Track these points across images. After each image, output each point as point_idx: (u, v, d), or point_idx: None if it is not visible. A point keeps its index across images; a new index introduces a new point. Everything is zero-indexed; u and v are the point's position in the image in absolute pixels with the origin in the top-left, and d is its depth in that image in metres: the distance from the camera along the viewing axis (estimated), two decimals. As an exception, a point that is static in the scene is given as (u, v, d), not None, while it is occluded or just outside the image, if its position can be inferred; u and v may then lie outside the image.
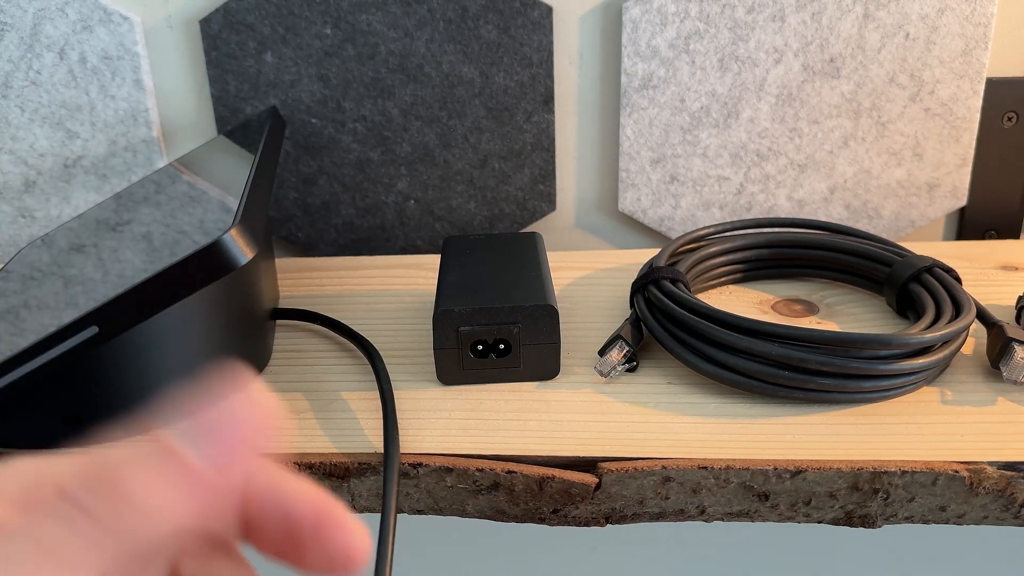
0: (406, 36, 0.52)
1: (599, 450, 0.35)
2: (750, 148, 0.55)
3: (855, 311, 0.46)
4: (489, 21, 0.52)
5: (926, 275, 0.43)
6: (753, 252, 0.48)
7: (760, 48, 0.52)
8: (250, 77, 0.53)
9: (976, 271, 0.49)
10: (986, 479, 0.33)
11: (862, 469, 0.33)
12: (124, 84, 0.52)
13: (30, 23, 0.51)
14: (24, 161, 0.54)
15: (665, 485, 0.34)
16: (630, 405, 0.38)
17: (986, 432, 0.36)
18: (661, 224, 0.57)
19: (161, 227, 0.41)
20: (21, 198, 0.55)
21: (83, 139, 0.54)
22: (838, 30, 0.52)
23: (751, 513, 0.35)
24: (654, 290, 0.42)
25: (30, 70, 0.52)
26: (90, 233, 0.45)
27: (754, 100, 0.53)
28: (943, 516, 0.35)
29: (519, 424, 0.37)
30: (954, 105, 0.53)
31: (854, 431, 0.36)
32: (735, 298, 0.47)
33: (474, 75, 0.53)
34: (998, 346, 0.39)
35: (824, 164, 0.55)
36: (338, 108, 0.54)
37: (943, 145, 0.54)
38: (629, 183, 0.55)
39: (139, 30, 0.52)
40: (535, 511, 0.36)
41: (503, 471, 0.34)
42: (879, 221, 0.56)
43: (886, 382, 0.37)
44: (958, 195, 0.56)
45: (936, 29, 0.52)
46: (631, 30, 0.52)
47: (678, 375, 0.40)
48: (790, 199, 0.56)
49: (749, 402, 0.38)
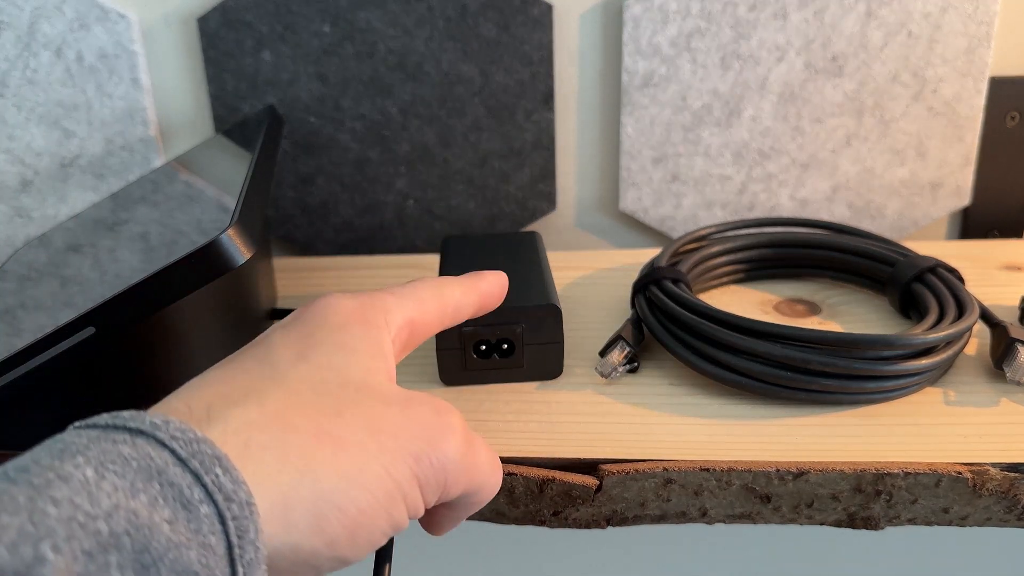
0: (405, 34, 0.52)
1: (600, 452, 0.35)
2: (752, 147, 0.54)
3: (858, 311, 0.45)
4: (489, 19, 0.51)
5: (929, 275, 0.43)
6: (755, 252, 0.48)
7: (762, 46, 0.52)
8: (248, 75, 0.53)
9: (979, 271, 0.49)
10: (989, 480, 0.33)
11: (865, 471, 0.33)
12: (121, 83, 0.52)
13: (27, 21, 0.51)
14: (21, 160, 0.54)
15: (666, 487, 0.34)
16: (631, 406, 0.38)
17: (989, 433, 0.35)
18: (662, 224, 0.56)
19: (158, 227, 0.41)
20: (18, 198, 0.55)
21: (80, 138, 0.53)
22: (841, 28, 0.51)
23: (753, 515, 0.35)
24: (655, 290, 0.42)
25: (27, 69, 0.52)
26: (87, 233, 0.45)
27: (756, 98, 0.53)
28: (946, 518, 0.35)
29: (519, 425, 0.37)
30: (957, 104, 0.53)
31: (857, 432, 0.36)
32: (737, 298, 0.47)
33: (474, 73, 0.53)
34: (1001, 347, 0.39)
35: (827, 163, 0.55)
36: (336, 107, 0.53)
37: (946, 144, 0.54)
38: (630, 182, 0.55)
39: (136, 28, 0.51)
40: (535, 513, 0.35)
41: (503, 473, 0.34)
42: (882, 221, 0.56)
43: (889, 383, 0.37)
44: (961, 195, 0.55)
45: (939, 27, 0.51)
46: (632, 28, 0.51)
47: (679, 376, 0.40)
48: (792, 198, 0.56)
49: (751, 403, 0.38)
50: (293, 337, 0.27)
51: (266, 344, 0.27)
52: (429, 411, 0.26)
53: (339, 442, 0.23)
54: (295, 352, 0.26)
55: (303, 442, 0.23)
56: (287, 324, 0.28)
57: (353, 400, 0.24)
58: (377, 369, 0.26)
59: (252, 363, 0.25)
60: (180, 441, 0.21)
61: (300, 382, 0.24)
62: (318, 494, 0.22)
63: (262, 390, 0.24)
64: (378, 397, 0.25)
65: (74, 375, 0.36)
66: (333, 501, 0.22)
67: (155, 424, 0.21)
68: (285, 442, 0.22)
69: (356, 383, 0.25)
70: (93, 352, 0.33)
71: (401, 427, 0.25)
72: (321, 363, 0.25)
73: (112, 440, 0.20)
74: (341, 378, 0.25)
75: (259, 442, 0.22)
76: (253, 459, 0.22)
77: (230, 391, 0.24)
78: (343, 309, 0.28)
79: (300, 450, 0.22)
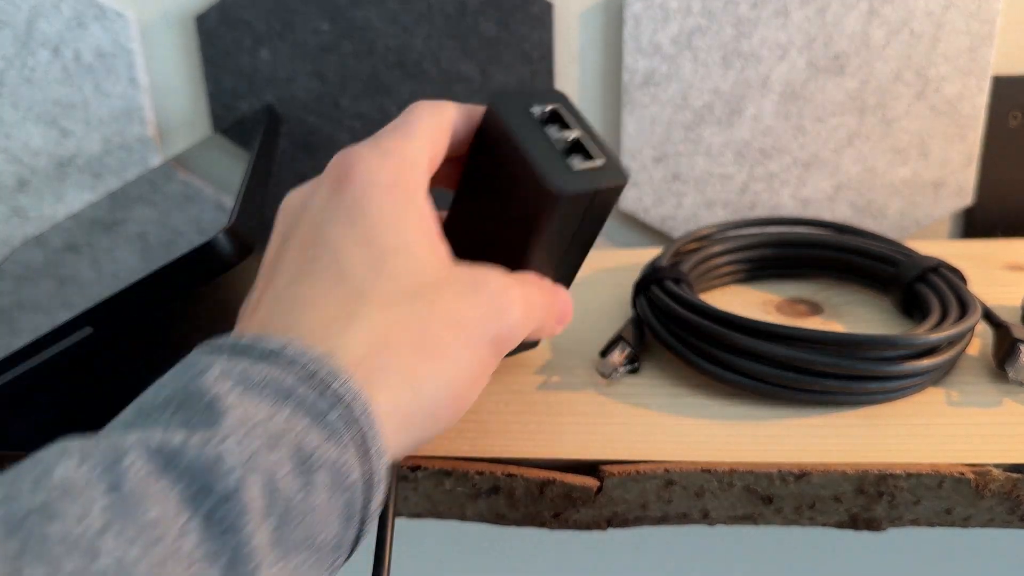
0: (404, 32, 0.52)
1: (601, 453, 0.35)
2: (754, 146, 0.54)
3: (860, 311, 0.45)
4: (488, 17, 0.51)
5: (932, 275, 0.43)
6: (757, 251, 0.48)
7: (764, 44, 0.52)
8: (246, 74, 0.52)
9: (982, 271, 0.49)
10: (992, 481, 0.33)
11: (867, 472, 0.33)
12: (119, 81, 0.52)
13: (24, 20, 0.50)
14: (18, 160, 0.54)
15: (668, 488, 0.34)
16: (632, 407, 0.38)
17: (992, 434, 0.35)
18: (663, 223, 0.56)
19: (156, 226, 0.40)
20: (15, 197, 0.55)
21: (77, 137, 0.53)
22: (843, 26, 0.51)
23: (755, 517, 0.35)
24: (656, 290, 0.42)
25: (24, 67, 0.51)
26: (84, 232, 0.45)
27: (758, 97, 0.53)
28: (949, 519, 0.35)
29: (519, 426, 0.37)
30: (960, 103, 0.53)
31: (859, 433, 0.36)
32: (739, 298, 0.47)
33: (473, 72, 0.53)
34: (1004, 347, 0.39)
35: (829, 162, 0.54)
36: (335, 105, 0.53)
37: (949, 143, 0.54)
38: (631, 181, 0.55)
39: (134, 27, 0.51)
40: (535, 515, 0.35)
41: (503, 474, 0.34)
42: (884, 220, 0.56)
43: (891, 383, 0.37)
44: (964, 194, 0.55)
45: (942, 26, 0.51)
46: (633, 26, 0.51)
47: (681, 376, 0.40)
48: (794, 198, 0.55)
49: (753, 404, 0.38)
50: (352, 240, 0.28)
51: (331, 253, 0.28)
52: (495, 290, 0.30)
53: (434, 350, 0.27)
54: (365, 264, 0.28)
55: (406, 362, 0.27)
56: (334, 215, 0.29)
57: (431, 302, 0.28)
58: (435, 251, 0.29)
59: (330, 283, 0.28)
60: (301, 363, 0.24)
61: (383, 296, 0.27)
62: (429, 399, 0.27)
63: (357, 315, 0.27)
64: (449, 289, 0.29)
65: (72, 375, 0.35)
66: (440, 400, 0.28)
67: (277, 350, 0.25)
68: (392, 366, 0.26)
69: (428, 281, 0.28)
70: (91, 352, 0.33)
71: (477, 318, 0.29)
72: (392, 272, 0.28)
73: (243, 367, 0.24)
74: (414, 282, 0.28)
75: (372, 368, 0.26)
76: (373, 386, 0.26)
77: (328, 318, 0.27)
78: (382, 184, 0.29)
79: (406, 370, 0.27)
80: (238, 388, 0.23)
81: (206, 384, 0.23)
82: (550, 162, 0.32)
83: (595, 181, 0.32)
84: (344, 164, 0.30)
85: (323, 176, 0.30)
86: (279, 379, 0.24)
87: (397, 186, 0.30)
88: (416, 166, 0.31)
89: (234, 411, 0.22)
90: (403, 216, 0.29)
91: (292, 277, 0.28)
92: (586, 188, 0.32)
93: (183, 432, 0.21)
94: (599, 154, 0.33)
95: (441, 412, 0.28)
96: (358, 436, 0.24)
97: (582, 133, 0.33)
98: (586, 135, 0.33)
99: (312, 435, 0.23)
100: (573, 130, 0.33)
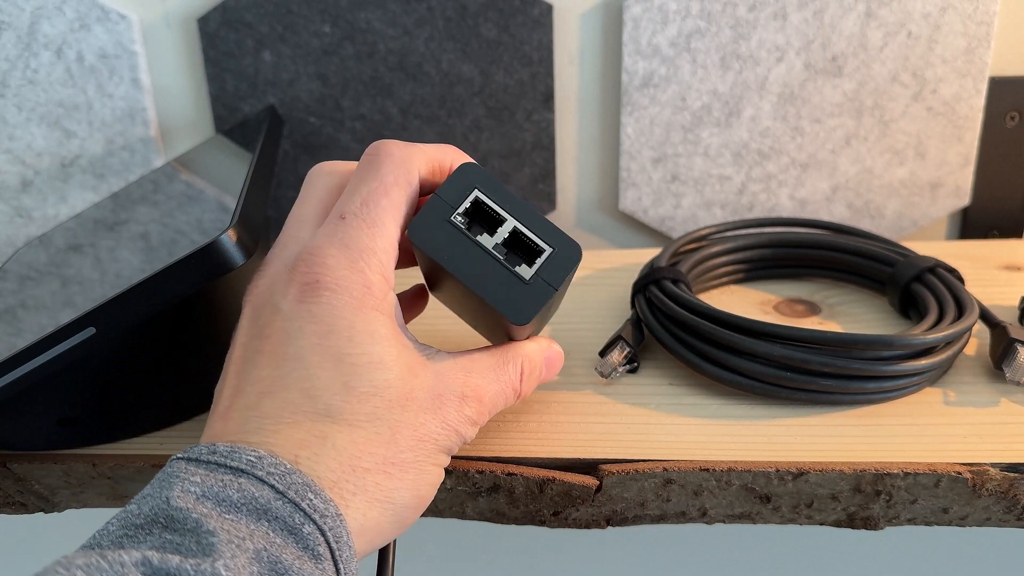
0: (405, 34, 0.52)
1: (600, 452, 0.35)
2: (752, 147, 0.54)
3: (857, 311, 0.45)
4: (489, 19, 0.51)
5: (929, 275, 0.43)
6: (755, 252, 0.48)
7: (762, 46, 0.52)
8: (248, 76, 0.53)
9: (979, 271, 0.49)
10: (989, 481, 0.33)
11: (864, 471, 0.33)
12: (122, 83, 0.52)
13: (27, 21, 0.51)
14: (21, 160, 0.54)
15: (666, 487, 0.34)
16: (631, 406, 0.38)
17: (989, 433, 0.36)
18: (662, 224, 0.56)
19: (159, 227, 0.41)
20: (18, 198, 0.55)
21: (80, 138, 0.53)
22: (840, 28, 0.51)
23: (753, 515, 0.35)
24: (655, 290, 0.42)
25: (27, 69, 0.52)
26: (87, 233, 0.45)
27: (756, 99, 0.53)
28: (945, 518, 0.35)
29: (519, 425, 0.37)
30: (957, 104, 0.53)
31: (856, 432, 0.36)
32: (737, 298, 0.47)
33: (474, 74, 0.53)
34: (1001, 347, 0.39)
35: (826, 163, 0.55)
36: (337, 107, 0.53)
37: (946, 144, 0.54)
38: (630, 182, 0.55)
39: (137, 28, 0.51)
40: (535, 513, 0.35)
41: (503, 473, 0.34)
42: (881, 221, 0.56)
43: (889, 383, 0.37)
44: (961, 195, 0.55)
45: (939, 27, 0.51)
46: (632, 28, 0.51)
47: (679, 376, 0.40)
48: (792, 198, 0.56)
49: (751, 403, 0.38)
50: (321, 354, 0.29)
51: (302, 368, 0.29)
52: (454, 403, 0.31)
53: (401, 466, 0.29)
54: (336, 382, 0.29)
55: (374, 480, 0.28)
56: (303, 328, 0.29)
57: (397, 422, 0.29)
58: (401, 359, 0.30)
59: (301, 400, 0.29)
60: (275, 476, 0.26)
61: (352, 417, 0.29)
62: (397, 509, 0.29)
63: (328, 437, 0.28)
64: (413, 405, 0.30)
65: (75, 375, 0.36)
66: (407, 507, 0.29)
67: (252, 463, 0.26)
68: (361, 487, 0.28)
69: (394, 398, 0.29)
70: (94, 352, 0.33)
71: (437, 433, 0.30)
72: (361, 393, 0.29)
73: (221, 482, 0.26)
74: (382, 401, 0.29)
75: (343, 492, 0.28)
76: (344, 504, 0.27)
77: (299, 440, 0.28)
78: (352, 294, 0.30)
79: (374, 488, 0.28)
80: (218, 509, 0.25)
81: (187, 505, 0.25)
82: (503, 290, 0.30)
83: (553, 278, 0.31)
84: (312, 271, 0.30)
85: (292, 273, 0.30)
86: (256, 496, 0.26)
87: (368, 295, 0.30)
88: (385, 266, 0.30)
89: (221, 533, 0.24)
90: (372, 329, 0.29)
91: (264, 389, 0.29)
92: (547, 294, 0.31)
93: (177, 557, 0.23)
94: (542, 239, 0.31)
95: (406, 515, 0.30)
96: (330, 549, 0.26)
97: (514, 220, 0.31)
98: (519, 216, 0.31)
99: (288, 552, 0.25)
100: (505, 219, 0.31)
